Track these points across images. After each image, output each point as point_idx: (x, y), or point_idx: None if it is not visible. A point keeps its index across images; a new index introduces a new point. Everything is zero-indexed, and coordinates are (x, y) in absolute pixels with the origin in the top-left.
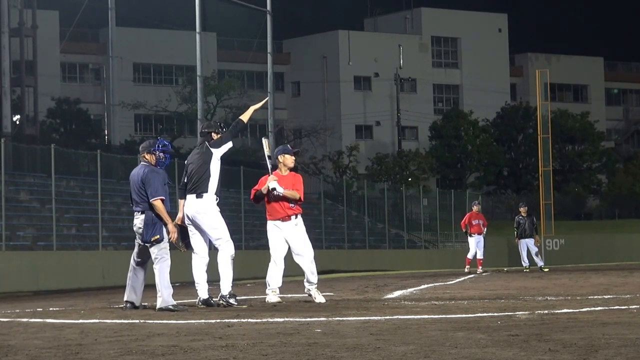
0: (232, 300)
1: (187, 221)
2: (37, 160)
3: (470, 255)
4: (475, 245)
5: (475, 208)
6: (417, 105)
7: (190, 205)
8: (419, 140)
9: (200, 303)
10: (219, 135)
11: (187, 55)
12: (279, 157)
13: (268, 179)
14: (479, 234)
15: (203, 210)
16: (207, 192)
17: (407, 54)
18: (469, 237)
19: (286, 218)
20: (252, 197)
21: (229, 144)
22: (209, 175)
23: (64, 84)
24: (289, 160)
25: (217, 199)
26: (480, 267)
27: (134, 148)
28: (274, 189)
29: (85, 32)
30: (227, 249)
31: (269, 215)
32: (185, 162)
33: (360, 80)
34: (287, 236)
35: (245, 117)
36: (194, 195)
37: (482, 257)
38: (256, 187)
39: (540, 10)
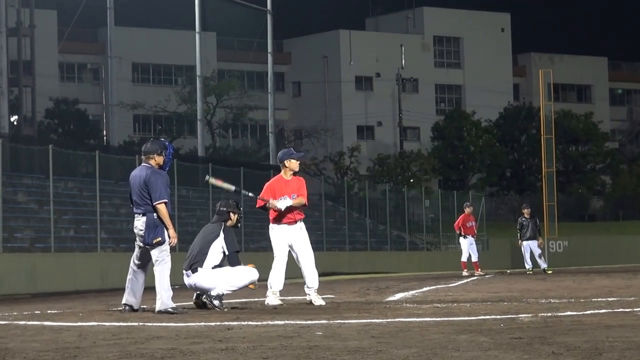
0: (215, 302)
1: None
2: (34, 161)
3: (464, 258)
4: (468, 247)
5: (467, 210)
6: (419, 105)
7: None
8: (420, 140)
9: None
10: (236, 215)
11: (187, 55)
12: (285, 161)
13: (276, 201)
14: (473, 235)
15: (198, 280)
16: (201, 267)
17: (409, 53)
18: (461, 239)
19: (292, 222)
20: (258, 205)
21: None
22: (206, 253)
23: (62, 84)
24: (294, 164)
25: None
26: (478, 270)
27: (132, 149)
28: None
29: (84, 31)
30: (250, 275)
31: (274, 219)
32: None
33: (362, 80)
34: (293, 240)
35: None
36: (190, 271)
37: (477, 260)
38: (262, 195)
39: (543, 10)
